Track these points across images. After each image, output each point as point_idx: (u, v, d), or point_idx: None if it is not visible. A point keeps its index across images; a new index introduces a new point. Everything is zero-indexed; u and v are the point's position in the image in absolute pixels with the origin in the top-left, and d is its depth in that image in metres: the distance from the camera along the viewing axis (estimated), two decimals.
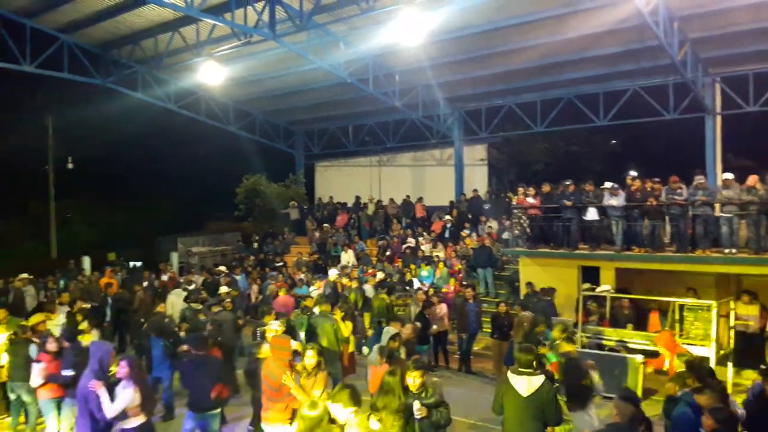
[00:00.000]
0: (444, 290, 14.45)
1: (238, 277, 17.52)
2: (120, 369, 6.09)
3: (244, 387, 9.12)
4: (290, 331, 9.60)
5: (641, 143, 24.99)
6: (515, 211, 15.35)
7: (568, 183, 14.35)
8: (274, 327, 8.14)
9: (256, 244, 24.08)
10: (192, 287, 16.31)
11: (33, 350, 8.05)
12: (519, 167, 25.47)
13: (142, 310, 14.23)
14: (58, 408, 7.69)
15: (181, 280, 17.35)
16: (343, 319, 10.34)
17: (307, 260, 20.30)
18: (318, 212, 25.14)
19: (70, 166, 29.32)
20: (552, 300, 12.89)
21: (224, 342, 9.78)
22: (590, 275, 13.74)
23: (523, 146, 25.34)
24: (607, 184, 13.52)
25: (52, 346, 7.76)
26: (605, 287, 12.82)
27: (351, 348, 10.51)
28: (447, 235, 19.55)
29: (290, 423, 6.36)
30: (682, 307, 11.71)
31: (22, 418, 8.77)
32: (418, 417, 5.60)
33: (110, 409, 5.97)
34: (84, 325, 10.26)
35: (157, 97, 21.57)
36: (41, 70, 18.35)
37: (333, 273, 16.75)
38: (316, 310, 11.05)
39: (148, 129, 30.11)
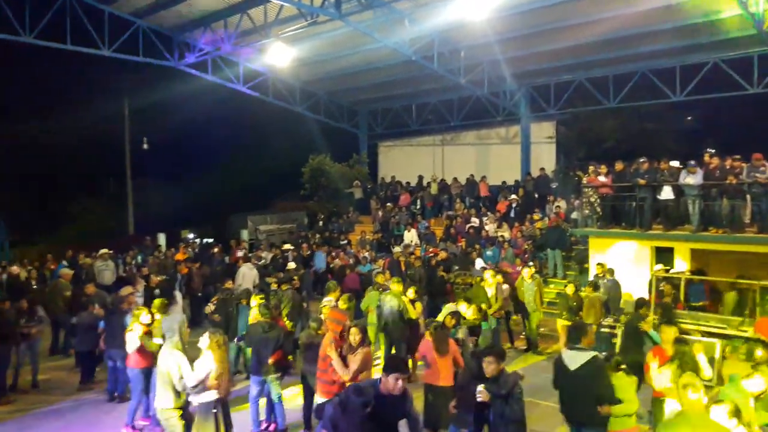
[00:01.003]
0: (508, 270, 14.26)
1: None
2: (202, 340, 6.28)
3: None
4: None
5: (719, 119, 23.72)
6: (585, 190, 14.92)
7: (642, 160, 13.80)
8: (328, 301, 8.29)
9: (321, 223, 24.53)
10: (261, 263, 16.87)
11: (128, 320, 8.56)
12: (588, 145, 24.68)
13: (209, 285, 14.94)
14: (147, 379, 8.06)
15: (251, 256, 17.93)
16: (413, 302, 10.39)
17: (370, 239, 20.50)
18: (381, 192, 25.27)
19: (145, 146, 30.61)
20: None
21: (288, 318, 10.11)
22: (663, 256, 13.24)
23: (593, 123, 24.53)
24: (674, 163, 12.99)
25: (146, 318, 8.17)
26: (680, 269, 12.33)
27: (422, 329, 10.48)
28: (512, 214, 19.25)
29: None
30: (765, 290, 11.11)
31: None
32: (479, 399, 5.54)
33: (190, 377, 6.11)
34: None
35: (226, 79, 22.11)
36: (118, 54, 19.13)
37: (396, 251, 16.90)
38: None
39: (219, 110, 31.05)
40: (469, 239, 17.60)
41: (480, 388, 5.55)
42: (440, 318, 8.27)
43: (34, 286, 14.48)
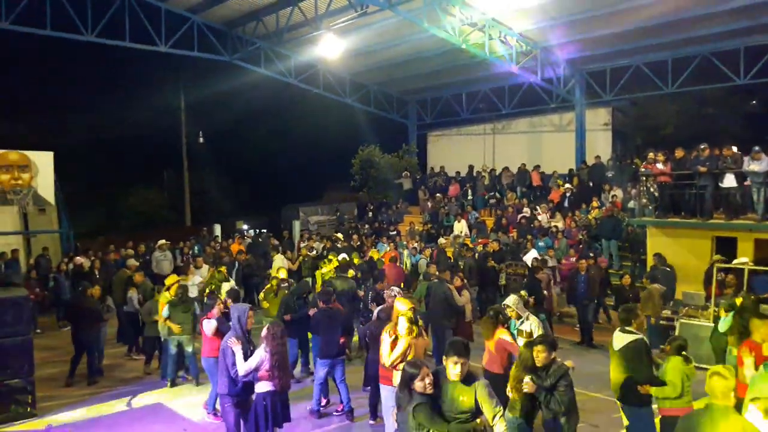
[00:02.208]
0: (562, 261, 14.04)
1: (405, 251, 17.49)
2: (262, 332, 6.40)
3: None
4: None
5: None
6: (643, 178, 14.47)
7: (703, 147, 13.28)
8: (394, 291, 8.39)
9: (370, 214, 24.68)
10: (313, 253, 17.12)
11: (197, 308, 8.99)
12: (646, 132, 23.89)
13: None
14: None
15: (303, 246, 18.23)
16: (460, 289, 10.36)
17: (419, 229, 20.48)
18: (430, 182, 25.19)
19: (201, 139, 31.47)
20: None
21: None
22: (725, 247, 12.74)
23: (651, 109, 23.71)
24: (737, 149, 12.47)
25: (221, 306, 8.47)
26: (743, 259, 11.83)
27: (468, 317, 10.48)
28: (566, 204, 18.86)
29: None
30: None
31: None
32: (524, 390, 5.49)
33: (241, 367, 6.18)
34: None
35: (278, 72, 22.44)
36: (174, 50, 19.70)
37: (442, 241, 16.87)
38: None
39: (272, 103, 31.61)
40: (521, 230, 17.37)
41: (526, 379, 5.50)
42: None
43: (97, 276, 15.12)
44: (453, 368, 4.61)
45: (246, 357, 6.24)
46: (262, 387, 6.25)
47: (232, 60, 21.29)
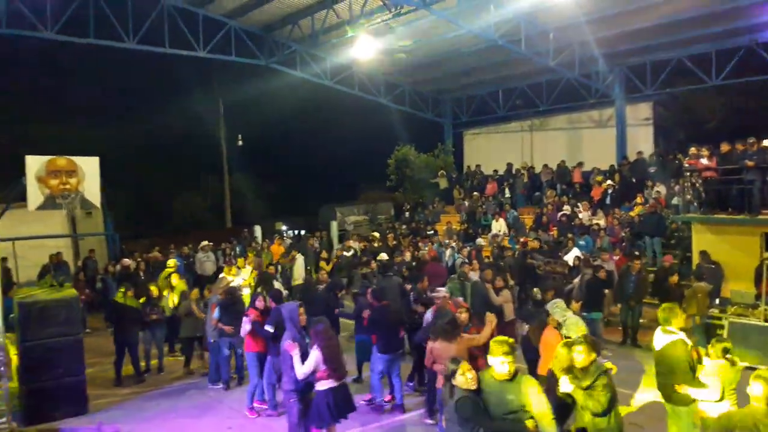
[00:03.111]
0: (605, 257, 13.74)
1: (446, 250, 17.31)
2: (311, 333, 6.50)
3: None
4: None
5: None
6: (687, 173, 14.08)
7: (751, 140, 12.85)
8: (442, 292, 8.46)
9: (407, 213, 24.68)
10: (350, 253, 17.23)
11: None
12: (689, 126, 23.24)
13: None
14: (261, 363, 8.54)
15: (339, 247, 18.37)
16: (501, 289, 10.28)
17: (457, 229, 20.37)
18: (466, 181, 25.02)
19: (240, 143, 31.99)
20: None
21: None
22: None
23: (693, 103, 23.06)
24: None
25: (260, 303, 8.67)
26: None
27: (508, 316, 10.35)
28: (608, 201, 18.49)
29: None
30: None
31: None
32: (562, 389, 5.40)
33: (299, 371, 6.28)
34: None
35: (314, 74, 22.63)
36: (212, 55, 20.07)
37: (480, 241, 16.76)
38: (473, 276, 11.11)
39: (308, 105, 31.87)
40: (562, 228, 17.11)
41: (564, 377, 5.42)
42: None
43: (142, 277, 15.52)
44: (500, 366, 4.59)
45: (304, 355, 6.33)
46: (322, 385, 6.34)
47: (269, 64, 21.56)
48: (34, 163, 16.21)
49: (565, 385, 5.38)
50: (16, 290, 11.28)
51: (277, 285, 12.05)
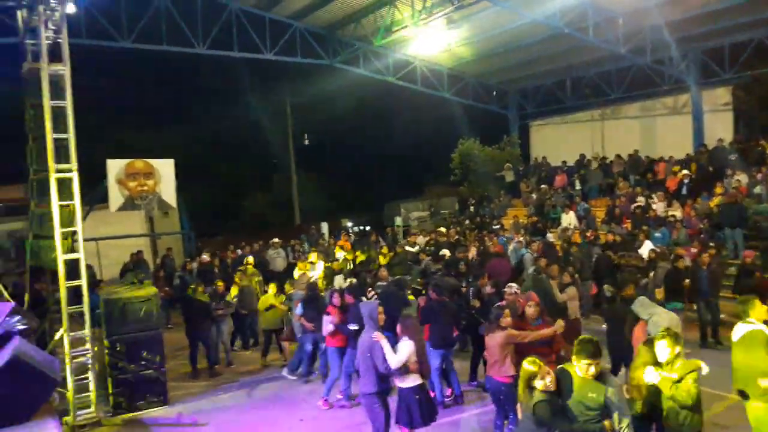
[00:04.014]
0: (682, 252, 13.14)
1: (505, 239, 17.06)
2: (398, 327, 6.52)
3: None
4: None
5: None
6: None
7: None
8: (513, 288, 8.36)
9: (471, 208, 24.43)
10: (415, 249, 17.23)
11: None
12: None
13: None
14: (341, 357, 8.73)
15: (403, 242, 18.40)
16: (567, 285, 10.00)
17: (524, 222, 19.98)
18: (534, 173, 24.50)
19: (306, 142, 32.64)
20: None
21: None
22: None
23: None
24: None
25: (336, 300, 8.85)
26: None
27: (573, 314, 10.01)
28: (684, 191, 17.65)
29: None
30: None
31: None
32: (648, 380, 5.20)
33: (393, 360, 6.20)
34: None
35: (376, 71, 22.76)
36: (279, 57, 20.53)
37: (550, 236, 16.38)
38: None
39: (370, 102, 32.13)
40: (636, 220, 16.48)
41: (650, 368, 5.21)
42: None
43: (217, 273, 16.09)
44: (586, 369, 4.56)
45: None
46: (410, 382, 6.31)
47: (333, 63, 21.83)
48: (114, 167, 17.14)
49: (651, 375, 5.17)
50: (102, 287, 11.93)
51: (338, 280, 12.20)
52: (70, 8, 8.77)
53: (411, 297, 9.60)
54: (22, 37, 9.35)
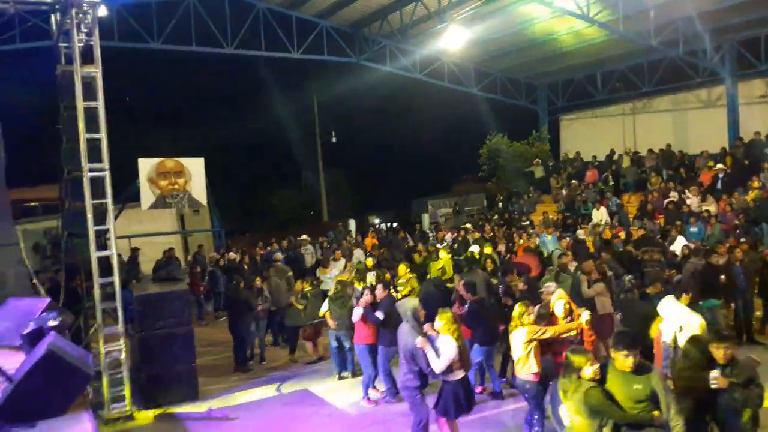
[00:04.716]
0: (719, 249, 12.81)
1: (549, 237, 16.41)
2: (436, 324, 6.53)
3: None
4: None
5: None
6: None
7: None
8: (552, 287, 8.34)
9: (500, 204, 24.23)
10: (443, 246, 17.15)
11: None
12: None
13: None
14: (372, 354, 8.76)
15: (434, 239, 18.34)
16: (595, 281, 9.84)
17: (554, 219, 19.73)
18: (564, 168, 24.18)
19: (333, 139, 32.77)
20: None
21: None
22: None
23: None
24: None
25: (368, 297, 8.88)
26: None
27: (609, 309, 9.82)
28: (719, 186, 17.23)
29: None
30: None
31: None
32: (714, 385, 4.92)
33: (438, 364, 6.24)
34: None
35: (403, 68, 22.71)
36: (306, 55, 20.65)
37: (580, 232, 16.15)
38: (572, 267, 10.73)
39: (397, 99, 32.10)
40: (669, 215, 16.15)
41: (715, 374, 4.92)
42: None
43: (246, 269, 16.28)
44: (623, 361, 4.58)
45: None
46: (456, 375, 6.39)
47: (360, 61, 21.86)
48: (145, 166, 17.45)
49: (718, 380, 4.88)
50: (134, 284, 12.17)
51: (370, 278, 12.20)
52: (102, 11, 8.96)
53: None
54: (55, 40, 9.60)
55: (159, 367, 9.02)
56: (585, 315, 6.72)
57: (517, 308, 6.87)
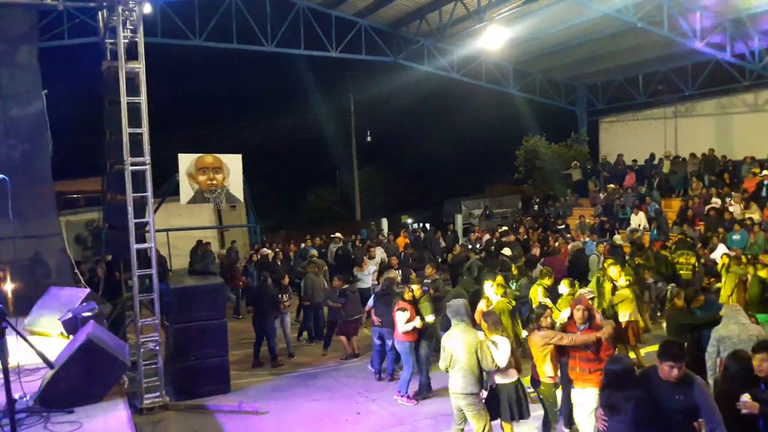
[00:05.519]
0: (762, 257, 12.43)
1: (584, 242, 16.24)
2: (486, 324, 6.58)
3: None
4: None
5: None
6: None
7: None
8: (563, 290, 8.17)
9: (536, 207, 23.93)
10: (478, 246, 17.06)
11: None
12: None
13: None
14: (415, 352, 8.84)
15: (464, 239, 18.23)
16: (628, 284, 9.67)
17: (590, 223, 19.38)
18: (602, 171, 23.73)
19: (368, 138, 32.87)
20: None
21: None
22: None
23: None
24: None
25: (408, 296, 8.95)
26: None
27: (634, 317, 9.58)
28: (764, 193, 16.69)
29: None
30: None
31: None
32: (744, 411, 4.66)
33: (502, 359, 6.33)
34: None
35: (441, 68, 22.60)
36: (344, 54, 20.75)
37: (617, 237, 15.86)
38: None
39: (434, 99, 31.98)
40: (710, 222, 15.71)
41: (745, 398, 4.62)
42: None
43: (279, 266, 16.44)
44: (668, 372, 4.49)
45: None
46: (512, 376, 6.46)
47: (397, 60, 21.85)
48: (185, 161, 17.75)
49: (746, 405, 4.63)
50: (170, 276, 12.42)
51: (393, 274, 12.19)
52: (147, 8, 9.16)
53: (549, 304, 8.51)
54: (102, 36, 9.85)
55: (192, 359, 9.18)
56: (607, 329, 6.42)
57: (536, 311, 6.90)
